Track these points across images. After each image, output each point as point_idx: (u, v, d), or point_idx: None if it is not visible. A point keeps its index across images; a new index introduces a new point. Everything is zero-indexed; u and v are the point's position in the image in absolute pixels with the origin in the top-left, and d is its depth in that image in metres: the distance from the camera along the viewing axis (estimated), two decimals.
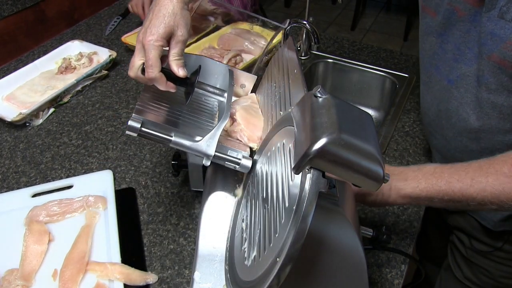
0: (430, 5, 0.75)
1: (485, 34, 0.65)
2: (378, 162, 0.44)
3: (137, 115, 0.63)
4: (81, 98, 1.17)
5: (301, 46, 1.31)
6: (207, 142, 0.63)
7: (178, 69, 0.66)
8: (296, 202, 0.45)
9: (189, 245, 0.80)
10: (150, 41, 0.63)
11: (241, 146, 0.69)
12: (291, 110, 0.55)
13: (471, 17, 0.67)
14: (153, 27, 0.63)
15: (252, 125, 0.71)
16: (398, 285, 0.74)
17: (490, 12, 0.62)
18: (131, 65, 0.66)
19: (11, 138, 1.05)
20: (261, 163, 0.64)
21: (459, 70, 0.73)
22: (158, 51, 0.63)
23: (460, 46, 0.71)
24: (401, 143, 1.03)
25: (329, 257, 0.53)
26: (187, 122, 0.70)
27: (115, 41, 1.40)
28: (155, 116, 0.67)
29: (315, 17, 1.21)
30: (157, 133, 0.63)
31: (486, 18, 0.63)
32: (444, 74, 0.77)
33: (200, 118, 0.73)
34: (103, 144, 1.02)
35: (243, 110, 0.74)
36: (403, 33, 3.33)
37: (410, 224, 0.84)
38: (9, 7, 1.28)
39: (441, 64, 0.77)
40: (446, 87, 0.77)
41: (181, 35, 0.65)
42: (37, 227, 0.78)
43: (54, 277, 0.72)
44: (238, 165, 0.66)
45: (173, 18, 0.64)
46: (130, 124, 0.61)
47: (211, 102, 0.79)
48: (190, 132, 0.67)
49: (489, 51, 0.65)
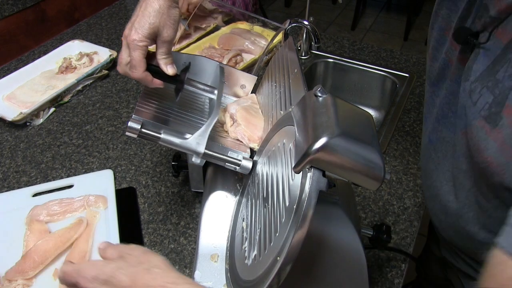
0: (431, 49, 0.68)
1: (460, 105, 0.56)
2: (379, 161, 0.44)
3: (137, 116, 0.63)
4: (81, 98, 1.17)
5: (301, 46, 1.31)
6: (196, 139, 0.63)
7: (167, 67, 0.66)
8: (297, 201, 0.45)
9: (190, 245, 0.80)
10: (134, 41, 0.61)
11: (242, 147, 0.69)
12: (292, 110, 0.55)
13: (458, 78, 0.58)
14: (138, 26, 0.61)
15: (253, 125, 0.71)
16: (398, 285, 0.74)
17: (465, 83, 0.54)
18: (119, 61, 0.65)
19: (12, 137, 1.05)
20: (261, 163, 0.64)
21: (440, 133, 0.66)
22: (142, 51, 0.62)
23: (443, 107, 0.64)
24: (401, 143, 1.03)
25: (330, 256, 0.53)
26: (178, 119, 0.70)
27: (115, 41, 1.40)
28: (148, 115, 0.67)
29: (316, 17, 1.21)
30: (144, 130, 0.62)
31: (463, 87, 0.55)
32: (427, 130, 0.71)
33: (191, 115, 0.73)
34: (104, 144, 1.02)
35: (244, 111, 0.74)
36: (404, 33, 3.32)
37: (410, 224, 0.84)
38: (9, 6, 1.29)
39: (428, 117, 0.71)
40: (426, 145, 0.71)
41: (167, 35, 0.63)
42: (37, 227, 0.78)
43: (55, 276, 0.72)
44: (239, 166, 0.65)
45: (159, 17, 0.62)
46: (130, 125, 0.61)
47: (202, 99, 0.79)
48: (180, 129, 0.67)
49: (462, 127, 0.57)
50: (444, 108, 0.65)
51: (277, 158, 0.56)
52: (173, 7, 0.63)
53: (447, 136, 0.65)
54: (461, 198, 0.63)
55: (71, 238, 0.76)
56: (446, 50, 0.63)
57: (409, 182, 0.93)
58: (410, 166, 0.96)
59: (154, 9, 0.61)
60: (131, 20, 0.63)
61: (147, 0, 0.62)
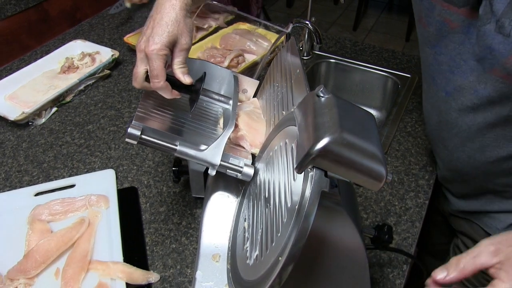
0: (422, 16, 0.74)
1: (483, 48, 0.63)
2: (380, 161, 0.44)
3: (137, 122, 0.62)
4: (83, 98, 1.17)
5: (303, 46, 1.31)
6: (212, 151, 0.62)
7: (184, 76, 0.65)
8: (298, 202, 0.45)
9: (191, 244, 0.80)
10: (153, 51, 0.61)
11: (243, 153, 0.68)
12: (294, 110, 0.55)
13: (465, 29, 0.66)
14: (156, 36, 0.61)
15: (255, 130, 0.71)
16: (400, 285, 0.74)
17: (485, 26, 0.60)
18: (135, 76, 0.64)
19: (14, 137, 1.05)
20: (263, 163, 0.64)
21: (455, 82, 0.71)
22: (163, 60, 0.62)
23: (455, 58, 0.70)
24: (403, 143, 1.03)
25: (331, 256, 0.53)
26: (191, 129, 0.70)
27: (117, 41, 1.41)
28: (157, 124, 0.66)
29: (317, 17, 1.21)
30: (161, 142, 0.62)
31: (483, 32, 0.61)
32: (441, 86, 0.76)
33: (203, 125, 0.72)
34: (106, 144, 1.03)
35: (246, 116, 0.73)
36: (405, 33, 3.32)
37: (412, 224, 0.84)
38: (12, 6, 1.29)
39: (437, 76, 0.76)
40: (444, 99, 0.76)
41: (185, 43, 0.64)
42: (39, 226, 0.79)
43: (56, 276, 0.72)
44: (240, 174, 0.65)
45: (177, 26, 0.62)
46: (129, 131, 0.60)
47: (215, 108, 0.78)
48: (194, 140, 0.66)
49: (490, 66, 0.63)
50: (456, 59, 0.69)
51: (279, 158, 0.56)
52: (188, 16, 0.64)
53: (463, 83, 0.70)
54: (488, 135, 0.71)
55: (73, 237, 0.76)
56: (439, 13, 0.68)
57: (411, 182, 0.93)
58: (412, 166, 0.96)
59: (171, 18, 0.62)
60: (144, 33, 0.63)
61: (162, 11, 0.62)
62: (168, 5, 0.62)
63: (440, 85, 0.76)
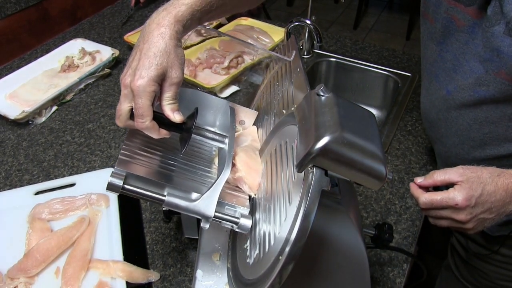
0: (428, 12, 0.73)
1: (489, 50, 0.62)
2: (381, 160, 0.44)
3: (119, 169, 0.53)
4: (83, 96, 1.17)
5: (303, 45, 1.31)
6: (205, 201, 0.54)
7: (174, 114, 0.57)
8: (299, 201, 0.45)
9: (192, 243, 0.80)
10: (140, 86, 0.53)
11: (240, 198, 0.60)
12: (294, 109, 0.55)
13: (470, 29, 0.65)
14: (143, 69, 0.53)
15: (254, 171, 0.63)
16: (400, 284, 0.74)
17: (494, 28, 0.60)
18: (118, 114, 0.56)
19: (14, 136, 1.05)
20: (263, 161, 0.64)
21: (457, 82, 0.71)
22: (150, 97, 0.54)
23: (459, 57, 0.69)
24: (403, 142, 1.02)
25: (331, 255, 0.53)
26: (182, 172, 0.61)
27: (117, 40, 1.41)
28: (143, 168, 0.57)
29: (318, 16, 1.21)
30: (146, 192, 0.53)
31: (490, 34, 0.61)
32: (443, 84, 0.75)
33: (196, 166, 0.64)
34: (106, 142, 1.03)
35: (244, 154, 0.64)
36: (406, 32, 3.32)
37: (412, 223, 0.84)
38: (12, 5, 1.29)
39: (440, 73, 0.76)
40: (445, 97, 0.76)
41: (175, 76, 0.56)
42: (39, 225, 0.79)
43: (57, 275, 0.72)
44: (237, 225, 0.56)
45: (166, 57, 0.55)
46: (110, 181, 0.51)
47: (209, 146, 0.69)
48: (186, 185, 0.58)
49: (496, 68, 0.63)
50: (459, 58, 0.69)
51: (279, 157, 0.56)
52: (179, 46, 0.57)
53: (463, 84, 0.70)
54: (491, 127, 0.72)
55: (73, 236, 0.76)
56: (446, 10, 0.68)
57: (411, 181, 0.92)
58: (412, 165, 0.96)
59: (159, 49, 0.54)
60: (129, 66, 0.56)
61: (149, 41, 0.55)
62: (157, 33, 0.55)
63: (443, 83, 0.75)
